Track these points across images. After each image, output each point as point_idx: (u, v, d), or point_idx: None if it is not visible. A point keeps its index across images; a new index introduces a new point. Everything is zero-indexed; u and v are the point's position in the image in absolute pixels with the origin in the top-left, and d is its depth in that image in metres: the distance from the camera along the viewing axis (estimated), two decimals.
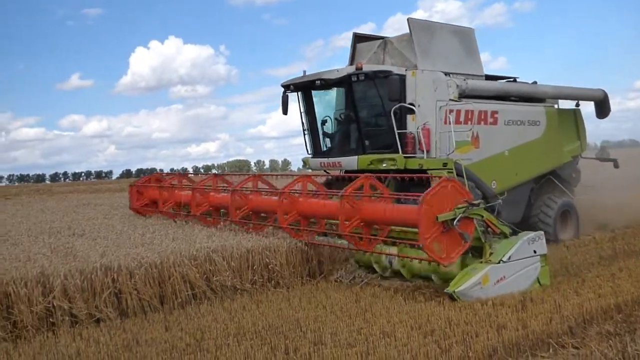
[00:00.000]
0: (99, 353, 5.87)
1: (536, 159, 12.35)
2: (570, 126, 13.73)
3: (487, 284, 7.26)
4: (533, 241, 7.82)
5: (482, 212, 7.68)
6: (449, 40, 11.51)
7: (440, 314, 6.65)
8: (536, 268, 7.81)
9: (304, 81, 11.13)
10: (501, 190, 11.33)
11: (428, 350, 5.33)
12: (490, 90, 11.75)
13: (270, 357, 5.43)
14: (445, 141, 10.41)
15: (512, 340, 5.51)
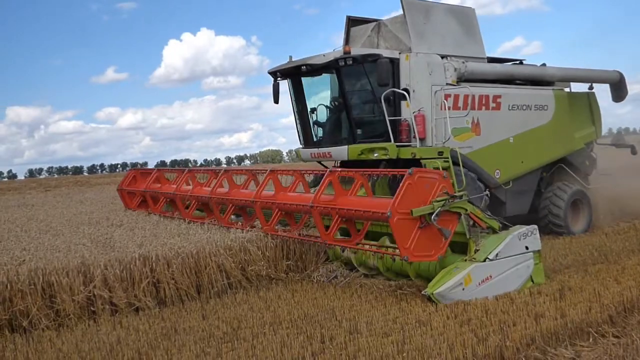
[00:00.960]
0: (139, 341, 5.98)
1: (544, 146, 11.63)
2: (583, 111, 12.92)
3: (470, 285, 6.60)
4: (525, 236, 7.13)
5: (466, 205, 7.01)
6: (446, 21, 10.81)
7: (477, 303, 6.55)
8: (529, 266, 7.13)
9: (290, 67, 10.45)
10: (506, 179, 10.85)
11: (465, 339, 5.27)
12: (492, 73, 11.15)
13: (307, 346, 5.43)
14: (442, 128, 9.90)
15: (550, 329, 5.42)
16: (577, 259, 8.97)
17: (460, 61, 10.32)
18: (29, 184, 46.58)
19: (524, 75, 11.81)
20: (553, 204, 11.39)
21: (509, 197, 10.97)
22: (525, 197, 11.48)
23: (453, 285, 6.50)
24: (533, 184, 11.65)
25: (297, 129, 11.30)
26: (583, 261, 8.81)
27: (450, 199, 6.78)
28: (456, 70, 10.17)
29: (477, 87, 10.40)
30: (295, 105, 11.09)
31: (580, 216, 11.81)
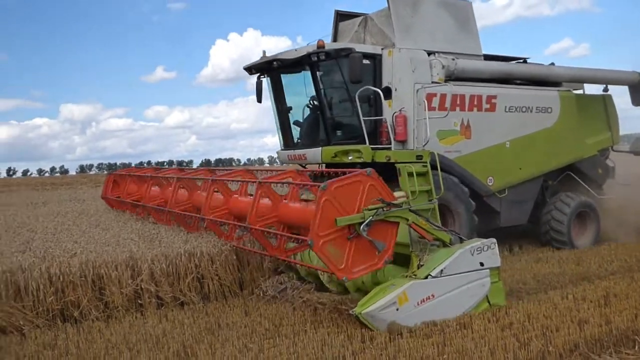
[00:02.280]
0: (184, 334, 6.11)
1: (547, 152, 10.68)
2: (597, 114, 11.82)
3: (406, 305, 5.74)
4: (480, 251, 6.26)
5: (408, 214, 6.22)
6: (437, 15, 9.92)
7: (519, 307, 6.48)
8: (484, 284, 6.25)
9: (262, 62, 9.77)
10: (501, 187, 10.07)
11: (506, 343, 5.22)
12: (487, 71, 10.16)
13: (347, 345, 5.46)
14: (425, 130, 9.05)
15: (594, 335, 5.33)
16: (623, 265, 8.75)
17: (449, 58, 9.48)
18: (80, 179, 47.82)
19: (524, 75, 10.88)
20: (554, 217, 10.55)
21: (504, 206, 10.22)
22: (523, 206, 10.63)
23: (385, 305, 5.69)
24: (533, 193, 10.78)
25: (277, 129, 10.58)
26: (629, 267, 8.59)
27: (386, 207, 6.05)
28: (444, 67, 9.30)
29: (467, 86, 9.72)
30: (275, 104, 10.38)
31: (587, 229, 10.92)
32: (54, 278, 6.89)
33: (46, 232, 9.69)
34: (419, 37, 9.51)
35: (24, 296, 6.74)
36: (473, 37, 10.31)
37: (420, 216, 6.39)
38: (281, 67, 9.55)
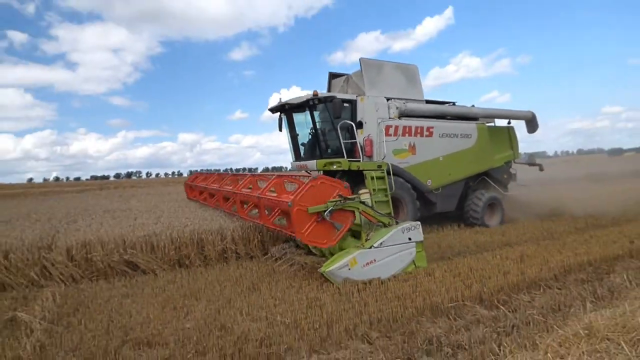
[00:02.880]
0: (252, 276, 6.11)
1: (468, 163, 10.44)
2: (503, 139, 11.53)
3: (355, 266, 5.55)
4: (408, 230, 5.99)
5: (359, 205, 6.03)
6: (393, 74, 9.78)
7: (464, 262, 6.32)
8: (411, 253, 6.00)
9: (278, 105, 9.57)
10: (436, 186, 9.84)
11: (456, 286, 5.11)
12: (427, 111, 9.94)
13: (354, 286, 5.36)
14: (382, 149, 9.00)
15: (514, 282, 5.17)
16: (532, 236, 8.48)
17: (402, 102, 9.39)
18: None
19: (453, 113, 10.64)
20: (474, 205, 10.25)
21: (439, 199, 9.95)
22: (452, 199, 10.35)
23: (341, 266, 5.47)
24: (459, 190, 10.46)
25: (290, 149, 10.23)
26: (537, 237, 8.34)
27: (343, 200, 5.88)
28: (398, 108, 9.25)
29: (413, 120, 9.58)
30: (289, 133, 10.04)
31: (495, 214, 10.52)
32: (174, 239, 6.97)
33: (169, 211, 9.82)
34: (382, 88, 9.43)
35: (156, 250, 6.82)
36: (418, 88, 10.14)
37: (368, 206, 6.19)
38: (290, 108, 9.51)
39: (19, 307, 4.98)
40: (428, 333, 3.92)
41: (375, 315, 4.29)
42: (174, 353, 3.65)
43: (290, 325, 4.15)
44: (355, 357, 3.54)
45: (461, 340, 3.75)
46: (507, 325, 4.02)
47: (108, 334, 4.12)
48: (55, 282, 6.02)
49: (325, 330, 3.99)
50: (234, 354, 3.59)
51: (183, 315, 4.58)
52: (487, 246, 7.71)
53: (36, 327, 4.29)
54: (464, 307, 4.50)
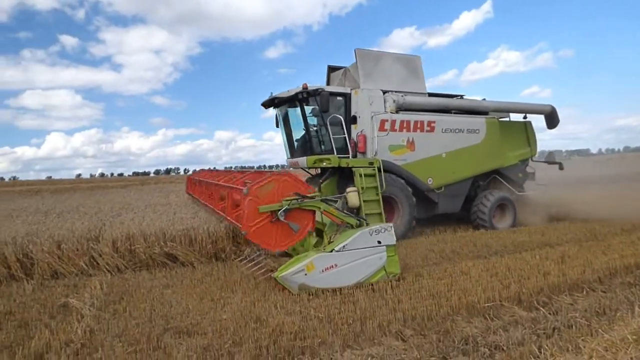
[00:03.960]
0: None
1: (475, 161, 9.62)
2: (519, 135, 10.63)
3: (313, 272, 4.97)
4: (377, 232, 5.34)
5: (320, 204, 5.43)
6: (393, 65, 9.15)
7: (502, 262, 6.14)
8: (381, 258, 5.33)
9: (268, 100, 9.07)
10: (438, 185, 9.16)
11: (494, 285, 4.96)
12: (428, 104, 9.25)
13: (387, 282, 5.33)
14: (375, 145, 8.40)
15: (554, 283, 4.97)
16: (574, 237, 8.08)
17: (400, 95, 8.75)
18: None
19: (458, 107, 9.82)
20: (481, 205, 9.49)
21: (441, 198, 9.28)
22: (456, 199, 9.58)
23: (295, 271, 4.96)
24: (464, 190, 9.68)
25: (285, 145, 9.72)
26: (578, 238, 7.96)
27: (300, 199, 5.31)
28: (395, 101, 8.64)
29: (411, 114, 8.92)
30: (284, 128, 9.53)
31: (506, 216, 9.75)
32: (211, 233, 7.11)
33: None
34: (378, 81, 8.88)
35: (194, 244, 6.98)
36: (420, 81, 9.46)
37: (331, 205, 5.56)
38: (280, 103, 8.99)
39: (70, 294, 5.27)
40: (464, 332, 3.83)
41: (409, 313, 4.23)
42: (212, 342, 3.75)
43: (324, 320, 4.17)
44: (389, 354, 3.51)
45: (499, 341, 3.64)
46: (548, 327, 3.87)
47: (151, 322, 4.29)
48: (102, 272, 6.32)
49: (359, 326, 3.98)
50: (269, 345, 3.64)
51: (220, 307, 4.70)
52: (526, 246, 7.43)
53: (86, 313, 4.53)
54: (502, 308, 4.37)
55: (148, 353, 3.59)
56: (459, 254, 6.99)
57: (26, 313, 4.66)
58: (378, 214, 7.63)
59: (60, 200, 15.86)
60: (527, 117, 10.99)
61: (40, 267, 6.16)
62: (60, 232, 7.05)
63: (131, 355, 3.56)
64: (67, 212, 10.15)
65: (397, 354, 3.52)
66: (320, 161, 8.18)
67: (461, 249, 7.30)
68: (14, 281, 6.00)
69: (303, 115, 8.57)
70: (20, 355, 3.54)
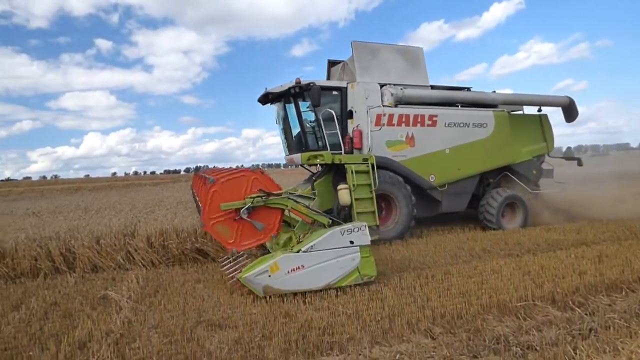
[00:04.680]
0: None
1: (483, 157, 9.03)
2: (533, 129, 9.99)
3: (277, 273, 4.73)
4: (350, 232, 4.99)
5: (287, 202, 5.17)
6: (392, 58, 8.67)
7: (535, 260, 5.98)
8: (354, 259, 4.97)
9: (262, 95, 8.71)
10: (441, 183, 8.65)
11: (526, 284, 4.84)
12: (430, 97, 8.70)
13: (416, 279, 5.32)
14: (369, 140, 7.99)
15: (591, 282, 4.80)
16: (612, 236, 7.74)
17: (398, 88, 8.32)
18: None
19: (464, 99, 9.20)
20: (488, 205, 8.92)
21: (444, 197, 8.78)
22: (461, 197, 9.02)
23: (258, 272, 4.74)
24: (471, 187, 9.11)
25: (282, 142, 9.33)
26: (617, 237, 7.61)
27: (265, 197, 5.04)
28: (393, 95, 8.22)
29: (411, 107, 8.44)
30: (282, 124, 9.07)
31: (516, 215, 9.15)
32: None
33: None
34: (375, 74, 8.45)
35: None
36: (422, 73, 8.93)
37: (299, 203, 5.29)
38: (274, 98, 8.60)
39: (109, 287, 5.52)
40: (495, 331, 3.76)
41: (439, 311, 4.19)
42: (242, 336, 3.84)
43: (352, 316, 4.18)
44: (418, 352, 3.49)
45: (531, 341, 3.55)
46: (584, 328, 3.74)
47: (184, 314, 4.43)
48: (138, 266, 6.57)
49: (387, 323, 3.98)
50: (298, 340, 3.70)
51: (250, 302, 4.79)
52: (560, 244, 7.19)
53: (124, 305, 4.73)
54: (534, 307, 4.25)
55: (182, 344, 3.71)
56: (489, 252, 6.84)
57: (70, 304, 4.92)
58: (371, 213, 7.34)
59: (97, 197, 16.55)
60: (541, 110, 10.29)
61: (81, 261, 6.47)
62: (99, 227, 7.37)
63: (166, 345, 3.70)
64: (105, 209, 10.59)
65: (427, 352, 3.49)
66: (314, 158, 7.84)
67: (492, 247, 7.13)
68: (58, 274, 6.33)
69: (297, 111, 8.28)
70: (65, 343, 3.74)
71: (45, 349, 3.69)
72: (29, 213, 11.76)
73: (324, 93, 7.95)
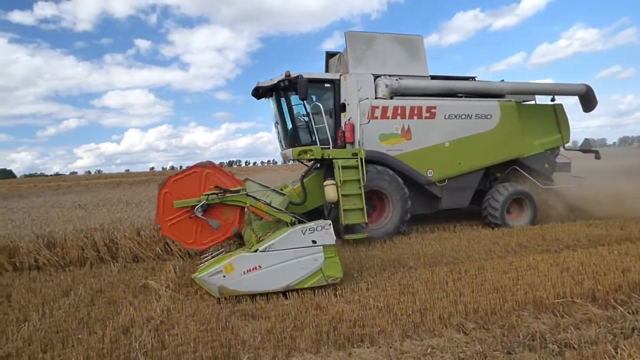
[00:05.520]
0: (343, 261, 6.23)
1: (487, 150, 8.46)
2: (546, 120, 9.29)
3: (233, 273, 4.53)
4: (312, 231, 4.69)
5: (246, 199, 4.92)
6: (389, 47, 8.24)
7: (574, 256, 5.74)
8: (317, 259, 4.69)
9: (254, 89, 8.40)
10: (441, 178, 8.19)
11: (564, 281, 4.67)
12: (428, 88, 8.18)
13: (449, 274, 5.25)
14: (358, 134, 7.62)
15: (635, 280, 4.56)
16: None
17: (394, 79, 7.89)
18: (283, 167, 50.58)
19: (466, 89, 8.62)
20: (492, 200, 8.44)
21: (445, 193, 8.34)
22: (463, 193, 8.52)
23: (213, 272, 4.56)
24: (474, 182, 8.58)
25: (278, 137, 8.96)
26: None
27: (221, 194, 4.80)
28: (387, 86, 7.80)
29: (407, 99, 8.00)
30: (279, 118, 8.58)
31: (523, 212, 8.63)
32: None
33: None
34: (370, 64, 8.07)
35: None
36: (421, 63, 8.45)
37: (260, 200, 5.07)
38: (265, 92, 8.29)
39: (149, 276, 5.78)
40: (530, 328, 3.66)
41: (472, 306, 4.12)
42: (275, 326, 3.93)
43: (383, 310, 4.19)
44: (450, 346, 3.45)
45: (569, 338, 3.43)
46: (626, 327, 3.57)
47: (219, 304, 4.58)
48: (175, 257, 6.83)
49: (419, 317, 3.95)
50: (329, 331, 3.74)
51: (282, 293, 4.88)
52: (602, 240, 6.87)
53: (163, 294, 4.94)
54: (573, 305, 4.10)
55: (218, 332, 3.85)
56: (526, 248, 6.63)
57: (113, 291, 5.19)
58: (360, 210, 6.97)
59: (137, 191, 17.27)
60: (555, 99, 9.51)
61: (123, 251, 6.80)
62: (139, 220, 7.71)
63: (203, 333, 3.84)
64: (144, 202, 11.05)
65: (459, 347, 3.45)
66: (305, 153, 7.47)
67: (528, 242, 6.91)
68: (102, 263, 6.69)
69: (288, 105, 8.02)
70: (110, 327, 3.97)
71: (92, 333, 3.93)
72: (76, 206, 12.46)
73: (316, 86, 7.78)
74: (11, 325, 4.18)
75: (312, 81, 7.68)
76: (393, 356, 3.32)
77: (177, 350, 3.52)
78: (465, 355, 3.29)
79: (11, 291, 5.38)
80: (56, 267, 6.55)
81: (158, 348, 3.59)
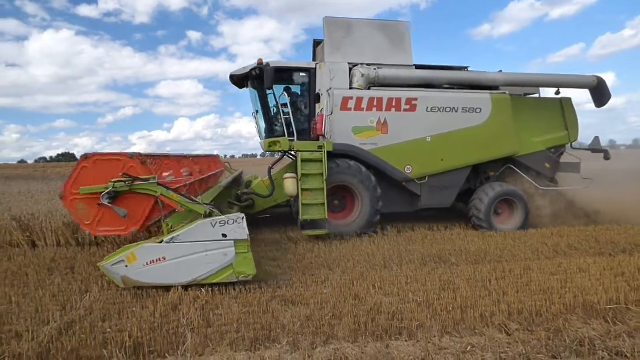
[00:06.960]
0: (384, 254, 6.20)
1: (474, 146, 7.75)
2: (550, 115, 8.40)
3: (135, 263, 4.35)
4: (223, 224, 4.42)
5: (157, 188, 4.64)
6: (369, 34, 7.65)
7: (631, 261, 5.38)
8: (227, 254, 4.45)
9: (229, 78, 8.04)
10: (420, 175, 7.62)
11: (619, 286, 4.40)
12: (409, 78, 7.58)
13: (493, 273, 5.09)
14: (338, 126, 7.21)
15: None
16: None
17: (372, 68, 7.39)
18: None
19: (452, 80, 7.92)
20: (477, 201, 7.81)
21: (424, 191, 7.75)
22: (447, 192, 7.84)
23: (115, 262, 4.38)
24: (459, 181, 7.88)
25: (257, 127, 8.52)
26: None
27: (130, 181, 4.57)
28: (363, 76, 7.33)
29: (384, 90, 7.45)
30: (261, 108, 8.08)
31: (513, 215, 7.89)
32: None
33: None
34: (348, 53, 7.57)
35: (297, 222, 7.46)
36: (405, 51, 7.81)
37: (172, 190, 4.78)
38: (239, 81, 7.98)
39: None
40: (579, 333, 3.50)
41: (515, 307, 3.99)
42: (314, 313, 4.01)
43: (422, 304, 4.15)
44: (491, 345, 3.38)
45: (621, 347, 3.25)
46: None
47: (260, 288, 4.72)
48: None
49: (459, 314, 3.89)
50: (367, 322, 3.77)
51: (321, 282, 4.96)
52: None
53: None
54: (627, 312, 3.87)
55: (259, 315, 3.99)
56: (576, 249, 6.29)
57: None
58: (321, 205, 6.75)
59: None
60: (559, 92, 8.67)
61: None
62: None
63: (245, 314, 3.99)
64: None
65: (500, 347, 3.36)
66: (275, 144, 7.18)
67: (580, 244, 6.55)
68: None
69: (260, 94, 7.71)
70: (161, 304, 4.21)
71: (145, 307, 4.19)
72: None
73: (292, 75, 7.49)
74: (75, 295, 4.54)
75: (286, 70, 7.42)
76: (432, 351, 3.30)
77: (221, 330, 3.69)
78: (507, 356, 3.21)
79: (74, 264, 5.82)
80: (112, 245, 7.00)
81: (204, 326, 3.77)
